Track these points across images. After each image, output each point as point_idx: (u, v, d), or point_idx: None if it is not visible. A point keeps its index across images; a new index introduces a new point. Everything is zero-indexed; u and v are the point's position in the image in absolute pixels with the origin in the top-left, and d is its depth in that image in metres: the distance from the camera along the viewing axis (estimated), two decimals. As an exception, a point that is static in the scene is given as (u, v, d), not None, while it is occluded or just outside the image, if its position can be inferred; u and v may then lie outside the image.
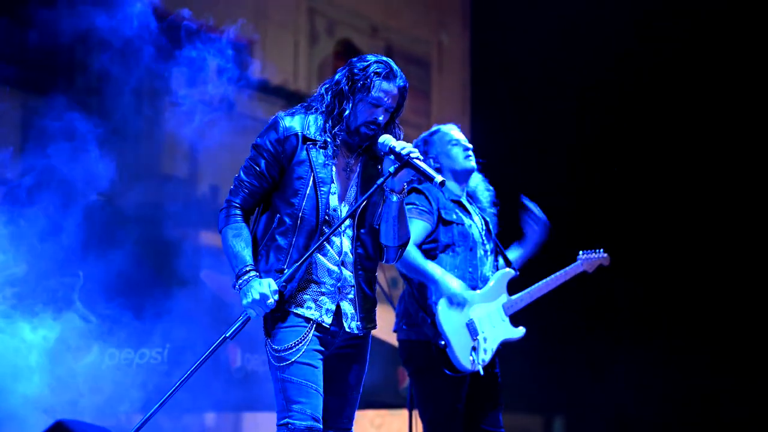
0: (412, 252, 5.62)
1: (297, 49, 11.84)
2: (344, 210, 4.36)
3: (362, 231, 4.40)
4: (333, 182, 4.32)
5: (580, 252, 6.30)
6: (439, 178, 4.30)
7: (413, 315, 5.78)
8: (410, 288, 5.80)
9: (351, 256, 4.37)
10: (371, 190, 4.28)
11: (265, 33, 11.57)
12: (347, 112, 4.34)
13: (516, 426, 5.93)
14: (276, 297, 4.17)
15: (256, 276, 4.21)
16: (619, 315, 11.10)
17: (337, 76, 4.45)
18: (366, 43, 12.22)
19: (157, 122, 8.86)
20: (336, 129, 4.34)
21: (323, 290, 4.33)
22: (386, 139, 4.37)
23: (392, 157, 4.31)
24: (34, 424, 6.92)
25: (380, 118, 4.38)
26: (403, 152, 4.29)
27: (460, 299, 5.66)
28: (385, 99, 4.38)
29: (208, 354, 4.21)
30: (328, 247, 4.27)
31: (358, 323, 4.40)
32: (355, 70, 4.42)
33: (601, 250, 6.30)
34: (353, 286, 4.38)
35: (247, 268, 4.22)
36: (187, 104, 6.59)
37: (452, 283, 5.65)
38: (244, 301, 4.19)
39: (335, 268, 4.34)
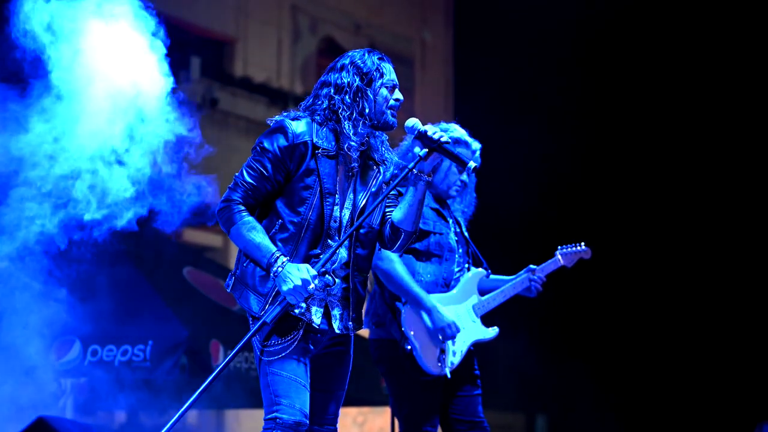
0: (404, 274, 5.57)
1: (280, 47, 11.84)
2: (346, 216, 4.36)
3: (361, 232, 4.39)
4: (337, 192, 4.32)
5: (558, 247, 6.16)
6: (472, 163, 4.30)
7: (381, 315, 5.75)
8: (380, 289, 5.77)
9: (346, 258, 4.36)
10: (401, 176, 4.29)
11: (247, 30, 11.57)
12: (368, 110, 4.34)
13: (499, 424, 5.91)
14: (316, 282, 4.17)
15: (289, 261, 4.21)
16: (601, 315, 11.14)
17: (344, 80, 4.37)
18: (349, 41, 12.22)
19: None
20: (364, 129, 4.34)
21: (314, 293, 4.32)
22: (415, 122, 4.38)
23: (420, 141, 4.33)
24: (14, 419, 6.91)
25: (401, 97, 4.43)
26: (435, 137, 4.30)
27: (454, 330, 5.64)
28: (396, 79, 4.44)
29: (246, 339, 4.18)
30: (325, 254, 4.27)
31: (349, 323, 4.40)
32: (360, 64, 4.41)
33: (582, 243, 6.15)
34: (345, 287, 4.38)
35: (277, 254, 4.17)
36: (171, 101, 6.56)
37: (445, 312, 5.63)
38: (285, 288, 4.12)
39: (327, 275, 4.33)
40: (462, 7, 13.12)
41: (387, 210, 4.47)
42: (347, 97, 4.34)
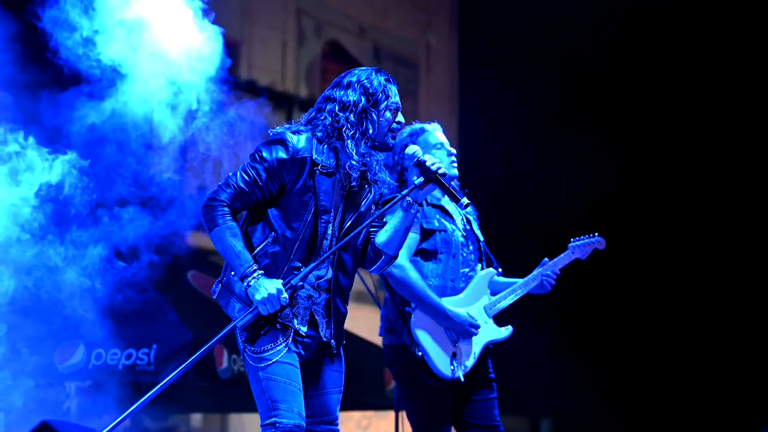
0: (418, 281, 5.55)
1: (284, 50, 11.83)
2: (337, 233, 4.37)
3: (345, 252, 4.40)
4: (332, 210, 4.32)
5: (571, 240, 6.07)
6: (465, 200, 4.31)
7: (392, 321, 5.74)
8: (391, 295, 5.76)
9: (330, 274, 4.37)
10: (392, 203, 4.31)
11: (251, 33, 11.56)
12: (371, 131, 4.34)
13: (504, 427, 5.88)
14: (287, 295, 4.20)
15: (263, 275, 4.22)
16: (608, 318, 11.13)
17: (350, 98, 4.36)
18: (354, 44, 12.21)
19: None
20: (365, 148, 4.34)
21: (299, 301, 4.34)
22: (416, 150, 4.39)
23: (418, 169, 4.34)
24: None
25: (402, 120, 4.43)
26: (433, 167, 4.31)
27: (471, 332, 5.63)
28: (399, 102, 4.43)
29: (216, 341, 4.20)
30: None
31: (332, 341, 4.41)
32: (367, 84, 4.39)
33: (595, 234, 6.06)
34: (328, 298, 4.39)
35: (255, 267, 4.22)
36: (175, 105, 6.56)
37: (458, 312, 5.61)
38: (258, 297, 4.17)
39: (312, 288, 4.35)
40: (467, 10, 13.12)
41: (371, 230, 4.49)
42: (352, 115, 4.36)
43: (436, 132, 5.81)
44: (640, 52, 11.19)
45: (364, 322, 8.46)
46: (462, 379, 5.63)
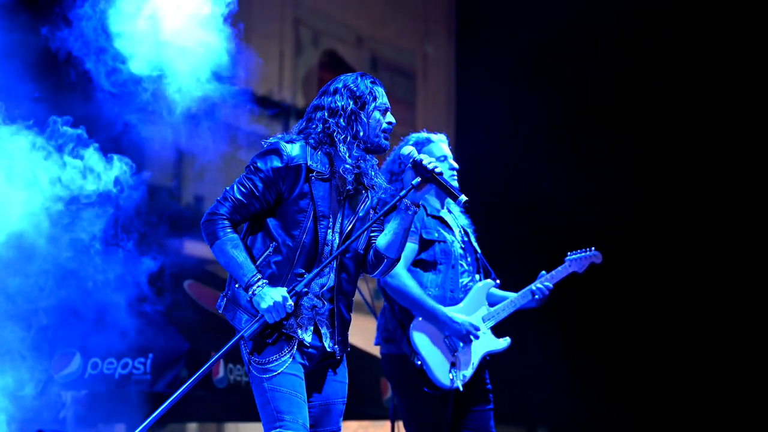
0: (415, 288, 5.56)
1: (282, 59, 11.84)
2: (336, 240, 4.37)
3: (347, 256, 4.41)
4: (330, 216, 4.34)
5: (568, 253, 6.11)
6: (463, 197, 4.31)
7: (391, 330, 5.75)
8: (390, 305, 5.76)
9: (333, 282, 4.38)
10: (390, 204, 4.32)
11: (249, 42, 11.56)
12: (362, 133, 4.37)
13: (499, 436, 5.90)
14: (292, 302, 4.21)
15: (267, 284, 4.23)
16: (604, 326, 11.13)
17: (338, 103, 4.40)
18: (351, 54, 12.22)
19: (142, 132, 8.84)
20: (357, 152, 4.35)
21: (303, 311, 4.35)
22: (411, 151, 4.41)
23: (414, 170, 4.36)
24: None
25: (393, 120, 4.45)
26: (429, 167, 4.33)
27: (473, 335, 5.63)
28: (388, 102, 4.45)
29: (222, 353, 4.20)
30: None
31: (336, 347, 4.42)
32: (353, 88, 4.42)
33: (592, 248, 6.09)
34: (332, 309, 4.40)
35: (258, 276, 4.25)
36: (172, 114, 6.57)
37: (458, 317, 5.62)
38: (264, 305, 4.19)
39: (316, 297, 4.36)
40: (464, 20, 13.14)
41: (372, 235, 4.50)
42: (341, 120, 4.39)
43: (441, 144, 5.83)
44: (639, 54, 11.20)
45: (360, 331, 8.44)
46: (461, 388, 5.64)
